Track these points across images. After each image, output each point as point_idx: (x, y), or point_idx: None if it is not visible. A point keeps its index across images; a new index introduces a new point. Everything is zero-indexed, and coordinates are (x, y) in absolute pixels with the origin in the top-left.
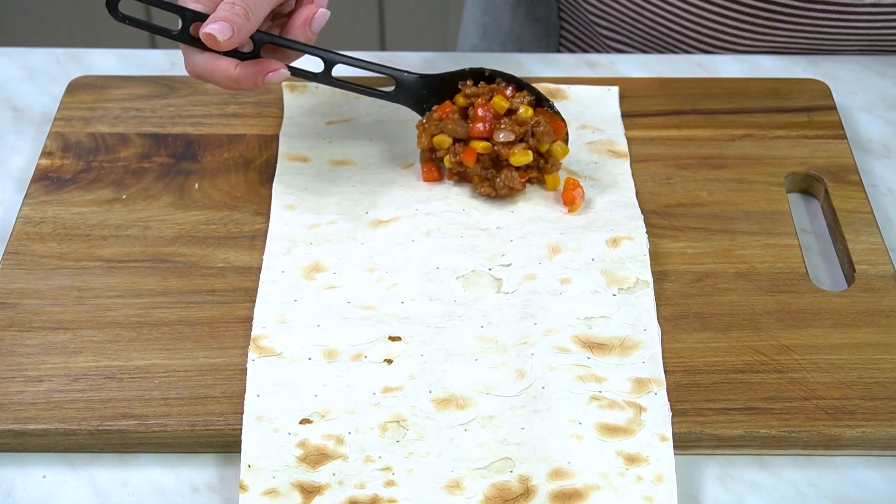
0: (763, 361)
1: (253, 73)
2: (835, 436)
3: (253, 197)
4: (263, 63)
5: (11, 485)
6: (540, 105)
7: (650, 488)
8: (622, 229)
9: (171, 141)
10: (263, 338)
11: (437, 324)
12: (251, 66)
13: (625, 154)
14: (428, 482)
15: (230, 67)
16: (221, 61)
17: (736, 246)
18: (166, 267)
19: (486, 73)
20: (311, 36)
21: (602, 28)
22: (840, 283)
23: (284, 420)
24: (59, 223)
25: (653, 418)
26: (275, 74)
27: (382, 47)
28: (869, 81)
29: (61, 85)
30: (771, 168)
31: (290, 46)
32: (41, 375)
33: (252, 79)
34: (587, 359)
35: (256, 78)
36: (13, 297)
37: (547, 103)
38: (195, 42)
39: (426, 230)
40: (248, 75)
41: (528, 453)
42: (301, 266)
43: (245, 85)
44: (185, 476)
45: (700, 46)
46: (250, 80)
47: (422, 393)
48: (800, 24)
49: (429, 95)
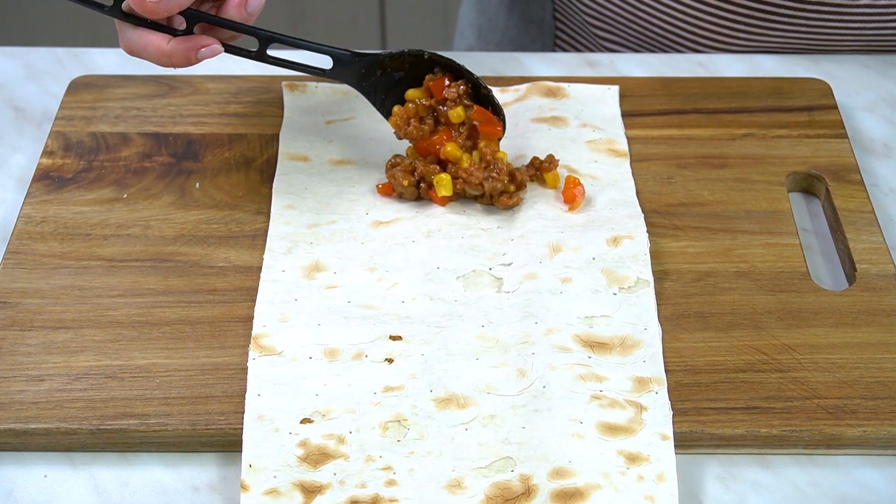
0: (764, 361)
1: (186, 48)
2: (836, 435)
3: (254, 196)
4: (196, 39)
5: (13, 484)
6: (478, 96)
7: (651, 487)
8: (623, 228)
9: (171, 140)
10: (264, 337)
11: (438, 323)
12: (184, 41)
13: (625, 153)
14: (429, 482)
15: (163, 42)
16: (154, 36)
17: (737, 245)
18: (167, 266)
19: (426, 56)
20: (247, 16)
21: (597, 28)
22: (841, 283)
23: (285, 419)
24: (61, 222)
25: (654, 417)
26: (208, 50)
27: (383, 46)
28: (870, 81)
29: (62, 84)
30: (772, 167)
31: (222, 24)
32: (42, 375)
33: (185, 54)
34: (588, 358)
35: (189, 53)
36: (14, 296)
37: (485, 93)
38: (128, 17)
39: (426, 230)
40: (180, 50)
41: (529, 452)
42: (301, 265)
43: (177, 60)
44: (186, 475)
45: (694, 47)
46: (183, 55)
47: (423, 392)
48: (794, 24)
49: (368, 74)
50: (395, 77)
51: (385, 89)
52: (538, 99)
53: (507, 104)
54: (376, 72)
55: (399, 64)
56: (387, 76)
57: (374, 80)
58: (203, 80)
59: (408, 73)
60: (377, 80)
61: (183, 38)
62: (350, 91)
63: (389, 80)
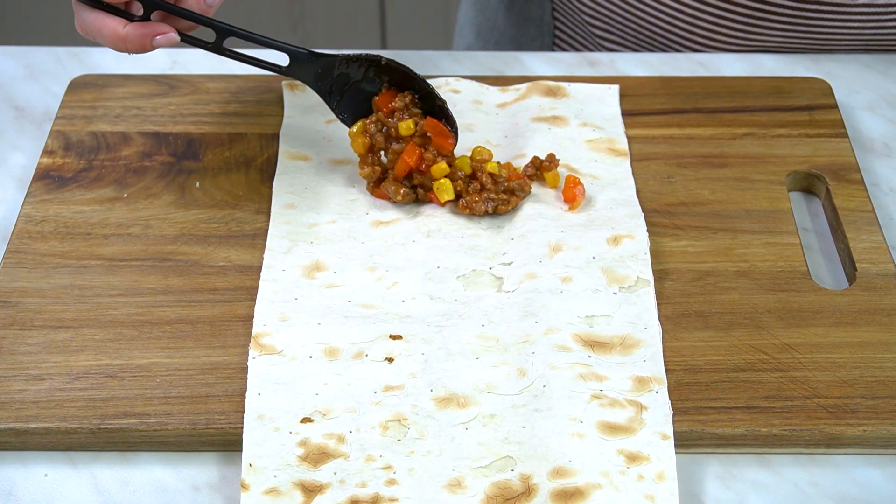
0: (764, 360)
1: (141, 34)
2: (836, 434)
3: (254, 196)
4: (153, 26)
5: (13, 483)
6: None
7: (651, 487)
8: (623, 227)
9: (172, 140)
10: (264, 336)
11: (438, 322)
12: (140, 27)
13: (625, 152)
14: (429, 481)
15: (119, 26)
16: (110, 20)
17: (737, 244)
18: (167, 266)
19: (382, 63)
20: (206, 7)
21: (596, 28)
22: (841, 282)
23: (285, 419)
24: (61, 222)
25: (654, 417)
26: (164, 38)
27: (384, 46)
28: (870, 80)
29: (63, 83)
30: (772, 167)
31: (180, 14)
32: (42, 374)
33: (140, 40)
34: (588, 357)
35: (145, 40)
36: (15, 295)
37: (439, 104)
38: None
39: (427, 230)
40: (136, 36)
41: (530, 452)
42: (302, 265)
43: (132, 46)
44: (186, 475)
45: (693, 46)
46: (138, 41)
47: (423, 392)
48: (793, 23)
49: (323, 74)
50: (350, 79)
51: (340, 91)
52: (538, 98)
53: (507, 103)
54: (333, 73)
55: (355, 67)
56: (343, 78)
57: (330, 81)
58: (203, 80)
59: (363, 77)
60: (332, 81)
61: (139, 24)
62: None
63: (345, 81)
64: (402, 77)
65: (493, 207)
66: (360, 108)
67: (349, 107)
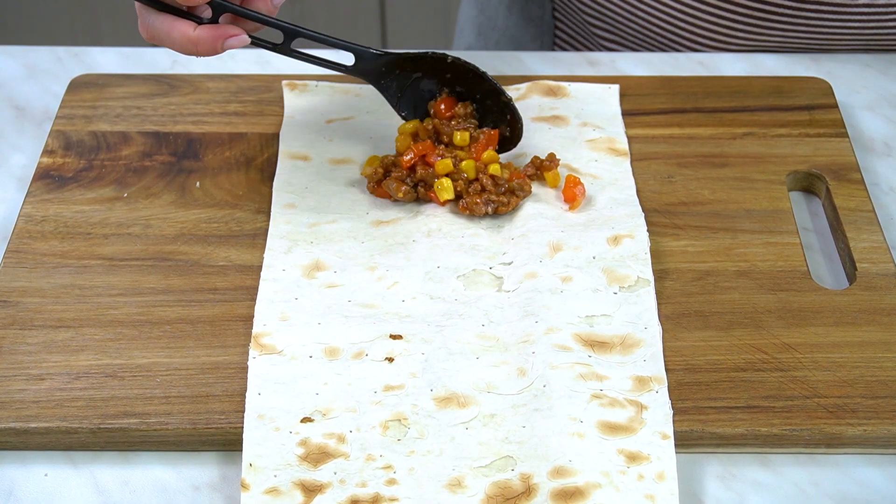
0: (764, 360)
1: (213, 36)
2: (836, 434)
3: (254, 195)
4: (223, 28)
5: (13, 483)
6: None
7: (651, 486)
8: (623, 227)
9: (172, 139)
10: (264, 335)
11: (439, 322)
12: (212, 29)
13: (625, 152)
14: (429, 481)
15: (189, 29)
16: (180, 23)
17: (737, 244)
18: (168, 265)
19: (448, 60)
20: (272, 8)
21: (596, 27)
22: (842, 282)
23: (286, 418)
24: (61, 221)
25: (654, 416)
26: (235, 40)
27: (384, 46)
28: (871, 80)
29: (63, 83)
30: (772, 166)
31: (249, 16)
32: (43, 374)
33: (211, 43)
34: (588, 357)
35: (216, 42)
36: (15, 295)
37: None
38: (152, 2)
39: (427, 230)
40: (207, 39)
41: (530, 451)
42: (302, 265)
43: (203, 48)
44: (186, 474)
45: (694, 46)
46: (209, 43)
47: (423, 391)
48: (794, 23)
49: (387, 72)
50: (412, 76)
51: (401, 89)
52: (539, 98)
53: None
54: (395, 71)
55: (419, 65)
56: (405, 76)
57: (393, 79)
58: (203, 80)
59: (426, 74)
60: (395, 79)
61: (210, 27)
62: (350, 90)
63: (407, 79)
64: (467, 74)
65: (493, 209)
66: (420, 106)
67: (409, 105)
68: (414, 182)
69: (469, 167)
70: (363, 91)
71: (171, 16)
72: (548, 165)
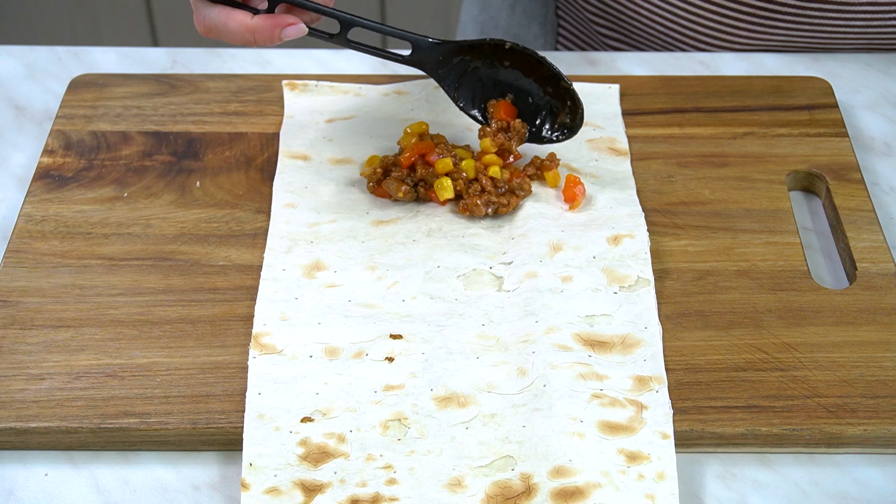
0: (765, 359)
1: (271, 25)
2: (836, 434)
3: (254, 195)
4: (281, 17)
5: (13, 482)
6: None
7: (652, 486)
8: (623, 227)
9: (172, 139)
10: (264, 335)
11: (439, 322)
12: (269, 18)
13: (625, 152)
14: (429, 480)
15: (246, 18)
16: (237, 13)
17: (737, 244)
18: (168, 265)
19: (507, 46)
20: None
21: (600, 26)
22: (842, 281)
23: (286, 418)
24: (61, 221)
25: (654, 416)
26: (293, 29)
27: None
28: (871, 79)
29: (63, 83)
30: (772, 166)
31: (306, 6)
32: (43, 373)
33: (269, 31)
34: (588, 357)
35: (274, 31)
36: (15, 295)
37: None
38: None
39: (427, 229)
40: (265, 27)
41: (530, 451)
42: (302, 264)
43: (261, 37)
44: (186, 474)
45: (698, 45)
46: (267, 32)
47: (423, 391)
48: (798, 23)
49: (444, 61)
50: (470, 66)
51: (458, 78)
52: None
53: None
54: (453, 59)
55: (477, 53)
56: (463, 64)
57: (450, 68)
58: (204, 79)
59: (484, 63)
60: (452, 68)
61: (268, 16)
62: (350, 90)
63: (464, 68)
64: (527, 60)
65: (493, 210)
66: (477, 95)
67: (467, 95)
68: (414, 182)
69: (469, 167)
70: (363, 91)
71: (226, 7)
72: (548, 165)
